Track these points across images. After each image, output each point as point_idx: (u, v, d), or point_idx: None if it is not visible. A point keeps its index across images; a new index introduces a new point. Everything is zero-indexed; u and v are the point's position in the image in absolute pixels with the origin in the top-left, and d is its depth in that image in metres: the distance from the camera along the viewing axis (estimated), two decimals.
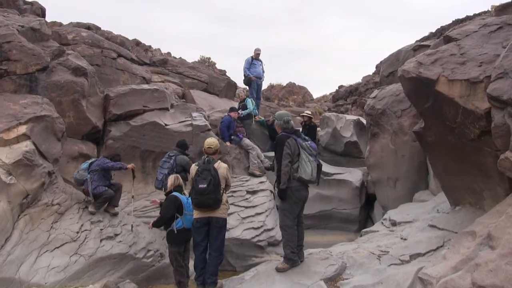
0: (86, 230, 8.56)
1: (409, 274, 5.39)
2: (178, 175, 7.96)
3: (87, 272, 8.04)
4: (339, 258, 6.48)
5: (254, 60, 14.56)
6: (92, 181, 9.01)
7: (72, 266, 7.85)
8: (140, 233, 9.18)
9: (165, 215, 7.32)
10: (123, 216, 9.40)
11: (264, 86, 28.80)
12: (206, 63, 23.57)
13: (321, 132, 15.10)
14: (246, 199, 10.58)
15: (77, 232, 8.40)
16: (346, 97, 26.83)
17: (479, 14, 12.54)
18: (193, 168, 6.96)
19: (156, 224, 7.51)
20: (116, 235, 8.79)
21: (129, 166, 9.37)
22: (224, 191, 7.06)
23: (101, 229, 8.72)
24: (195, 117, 12.00)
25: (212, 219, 6.79)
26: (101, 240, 8.52)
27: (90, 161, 9.41)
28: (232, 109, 12.48)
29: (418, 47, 11.53)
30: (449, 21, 15.67)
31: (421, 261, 5.86)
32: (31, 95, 9.72)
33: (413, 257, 6.07)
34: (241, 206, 10.33)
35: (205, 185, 6.56)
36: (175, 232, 7.25)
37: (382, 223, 8.67)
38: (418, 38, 13.71)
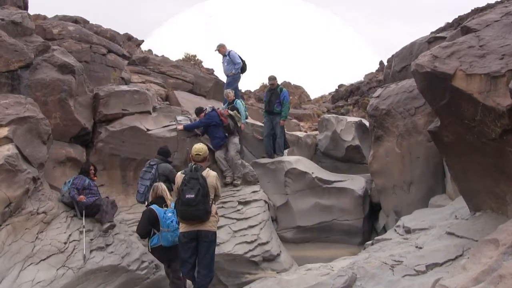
0: (74, 240, 8.52)
1: (426, 286, 5.35)
2: (160, 183, 7.92)
3: (76, 287, 8.04)
4: (349, 268, 6.45)
5: (223, 57, 14.56)
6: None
7: (59, 280, 7.79)
8: (134, 243, 9.16)
9: (140, 232, 7.33)
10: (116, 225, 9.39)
11: (256, 86, 28.79)
12: (191, 61, 23.49)
13: (319, 136, 15.11)
14: (238, 210, 10.56)
15: (65, 243, 8.36)
16: (347, 97, 26.93)
17: (501, 2, 12.55)
18: (179, 176, 6.92)
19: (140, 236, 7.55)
20: (108, 245, 8.80)
21: (79, 198, 8.97)
22: (214, 201, 7.02)
23: (91, 239, 8.71)
24: (180, 121, 11.94)
25: (201, 233, 6.75)
26: (91, 251, 8.51)
27: (68, 181, 9.37)
28: (200, 110, 12.16)
29: (433, 39, 11.55)
30: (467, 10, 15.65)
31: (438, 271, 5.81)
32: (14, 94, 9.68)
33: (430, 267, 6.01)
34: (232, 218, 10.31)
35: (192, 195, 6.52)
36: (149, 250, 7.22)
37: (395, 230, 8.65)
38: (433, 30, 13.74)
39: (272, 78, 13.26)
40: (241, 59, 14.32)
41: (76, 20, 17.19)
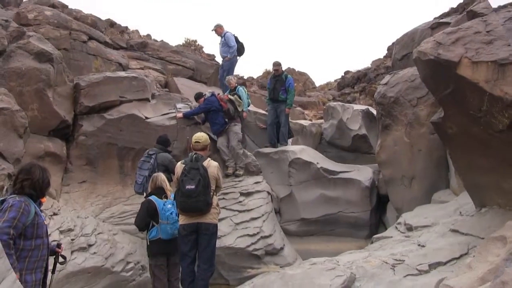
0: (54, 240, 8.43)
1: (429, 286, 5.36)
2: (159, 173, 7.92)
3: None
4: (347, 268, 6.47)
5: (220, 38, 14.59)
6: None
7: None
8: (118, 243, 9.12)
9: (138, 224, 7.34)
10: (98, 224, 9.35)
11: (259, 72, 28.74)
12: (191, 46, 23.45)
13: (325, 125, 15.09)
14: (240, 202, 10.56)
15: None
16: (353, 84, 26.86)
17: None
18: (179, 166, 6.94)
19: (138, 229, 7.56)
20: (90, 245, 8.71)
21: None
22: (215, 193, 7.04)
23: (72, 239, 8.62)
24: (179, 108, 11.95)
25: (201, 226, 6.78)
26: (72, 252, 8.42)
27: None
28: (199, 96, 12.15)
29: (436, 25, 11.45)
30: None
31: (442, 271, 5.83)
32: None
33: (433, 266, 6.03)
34: (234, 210, 10.31)
35: (193, 186, 6.55)
36: (148, 243, 7.24)
37: (396, 227, 8.66)
38: (437, 15, 13.65)
39: (276, 64, 13.23)
40: (238, 41, 14.31)
41: (53, 5, 17.03)
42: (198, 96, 11.98)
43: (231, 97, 11.98)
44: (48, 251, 4.94)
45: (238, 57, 14.56)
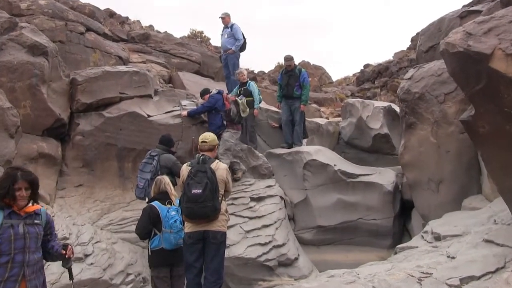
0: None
1: None
2: (163, 176, 7.90)
3: None
4: (369, 281, 6.42)
5: (224, 28, 14.55)
6: None
7: None
8: (118, 253, 9.13)
9: (139, 232, 7.31)
10: (95, 232, 9.35)
11: (271, 66, 28.77)
12: (197, 38, 23.51)
13: (343, 123, 15.04)
14: (250, 207, 10.54)
15: None
16: (374, 79, 26.79)
17: None
18: (185, 169, 6.93)
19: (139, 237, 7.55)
20: (87, 255, 8.73)
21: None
22: (224, 198, 7.02)
23: None
24: (185, 106, 11.98)
25: (209, 234, 6.76)
26: None
27: None
28: (205, 92, 12.18)
29: (466, 14, 11.38)
30: None
31: (475, 286, 5.76)
32: None
33: (465, 281, 5.96)
34: (244, 217, 10.29)
35: (200, 190, 6.53)
36: (149, 253, 7.22)
37: (422, 237, 8.59)
38: (466, 2, 13.56)
39: (288, 59, 13.17)
40: (243, 36, 14.31)
41: None
42: (203, 92, 11.99)
43: (238, 99, 12.00)
44: (27, 269, 4.65)
45: (240, 53, 14.55)
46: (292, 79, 12.88)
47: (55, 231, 5.31)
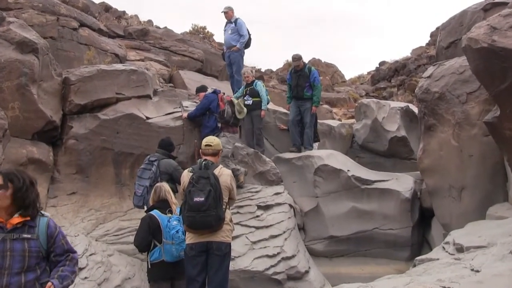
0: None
1: None
2: (162, 183, 7.88)
3: None
4: None
5: (227, 23, 14.51)
6: None
7: None
8: (114, 266, 9.12)
9: (138, 244, 7.27)
10: (90, 243, 9.34)
11: (279, 64, 28.79)
12: (200, 34, 23.56)
13: (357, 125, 15.04)
14: (257, 216, 10.52)
15: None
16: (390, 77, 26.82)
17: None
18: (186, 175, 6.92)
19: (138, 250, 7.51)
20: (81, 269, 8.66)
21: None
22: (228, 206, 7.01)
23: None
24: (186, 107, 11.98)
25: (212, 245, 6.75)
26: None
27: None
28: (201, 89, 12.21)
29: (490, 6, 11.35)
30: None
31: None
32: None
33: None
34: (250, 227, 10.27)
35: (202, 198, 6.51)
36: (149, 266, 7.20)
37: (444, 248, 8.55)
38: None
39: (296, 58, 13.03)
40: (248, 32, 14.29)
41: None
42: (199, 89, 12.00)
43: (234, 99, 11.94)
44: None
45: (244, 50, 14.51)
46: (302, 79, 12.81)
47: (68, 246, 4.81)
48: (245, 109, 12.02)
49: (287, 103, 13.64)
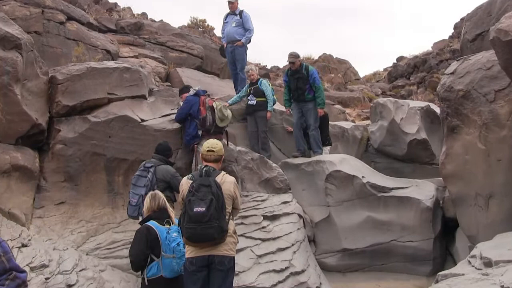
0: None
1: None
2: (157, 192, 7.85)
3: None
4: None
5: (229, 15, 14.49)
6: None
7: None
8: (107, 282, 9.12)
9: (133, 258, 7.21)
10: (80, 258, 9.34)
11: (285, 61, 28.81)
12: (199, 28, 23.61)
13: (372, 127, 15.04)
14: (263, 227, 10.55)
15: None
16: (409, 74, 26.82)
17: None
18: (185, 183, 6.92)
19: (132, 268, 7.44)
20: (70, 286, 8.66)
21: None
22: (231, 216, 7.00)
23: (47, 278, 8.45)
24: None
25: (214, 259, 6.75)
26: None
27: None
28: (183, 90, 12.13)
29: None
30: None
31: None
32: None
33: None
34: (255, 239, 10.30)
35: (203, 209, 6.50)
36: (146, 283, 7.17)
37: (470, 262, 8.53)
38: None
39: (293, 56, 12.90)
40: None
41: None
42: (181, 90, 12.00)
43: (216, 104, 11.37)
44: None
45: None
46: (301, 82, 12.72)
47: (12, 263, 4.52)
48: (229, 115, 11.44)
49: (285, 106, 13.59)
